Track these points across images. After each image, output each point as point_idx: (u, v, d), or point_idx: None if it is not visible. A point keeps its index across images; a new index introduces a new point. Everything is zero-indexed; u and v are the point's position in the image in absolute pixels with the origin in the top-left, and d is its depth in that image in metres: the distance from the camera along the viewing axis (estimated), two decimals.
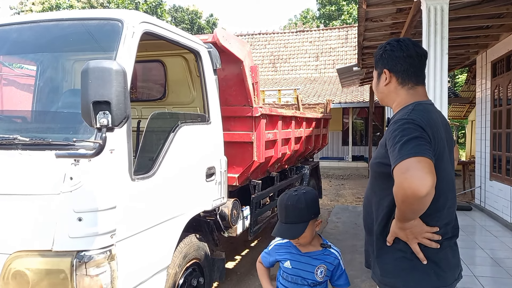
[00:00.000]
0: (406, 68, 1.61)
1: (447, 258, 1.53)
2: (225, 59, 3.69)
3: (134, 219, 2.24)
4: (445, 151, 1.52)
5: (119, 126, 1.77)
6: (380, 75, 1.69)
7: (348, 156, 16.01)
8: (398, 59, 1.61)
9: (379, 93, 1.72)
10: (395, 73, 1.63)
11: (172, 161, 2.62)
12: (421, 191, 1.29)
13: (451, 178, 1.58)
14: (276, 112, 4.57)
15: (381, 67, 1.67)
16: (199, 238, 3.12)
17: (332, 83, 17.95)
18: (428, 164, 1.33)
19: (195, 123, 3.02)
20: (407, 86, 1.63)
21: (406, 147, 1.36)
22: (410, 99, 1.61)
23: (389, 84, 1.66)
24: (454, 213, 1.60)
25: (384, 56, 1.65)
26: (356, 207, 8.73)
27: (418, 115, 1.48)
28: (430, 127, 1.45)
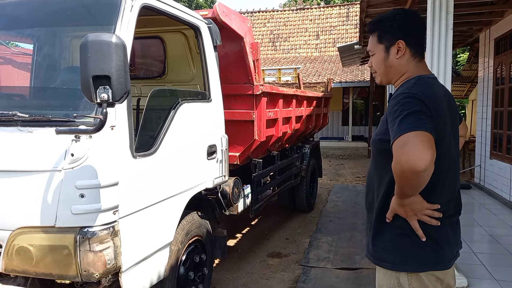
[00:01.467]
0: (419, 39, 1.59)
1: (447, 236, 1.51)
2: (225, 36, 3.62)
3: (136, 196, 2.24)
4: (447, 126, 1.49)
5: (120, 101, 1.75)
6: (389, 48, 1.57)
7: (348, 136, 15.99)
8: (412, 29, 1.56)
9: (387, 67, 1.60)
10: (409, 44, 1.55)
11: (173, 139, 2.60)
12: (419, 165, 1.27)
13: (454, 154, 1.54)
14: (277, 91, 4.52)
15: (390, 39, 1.56)
16: (201, 216, 3.14)
17: (332, 62, 17.76)
18: (427, 138, 1.30)
19: (195, 101, 2.99)
20: (416, 59, 1.58)
21: (405, 121, 1.34)
22: (416, 73, 1.56)
23: (402, 56, 1.56)
24: (457, 190, 1.57)
25: (395, 26, 1.55)
26: (356, 186, 8.78)
27: (419, 89, 1.44)
28: (432, 101, 1.42)
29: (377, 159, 1.61)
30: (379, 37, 1.60)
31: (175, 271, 2.71)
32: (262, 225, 5.81)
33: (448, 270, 1.52)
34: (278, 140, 4.96)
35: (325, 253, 4.65)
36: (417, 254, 1.48)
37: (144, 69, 3.70)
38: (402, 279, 1.48)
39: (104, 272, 1.98)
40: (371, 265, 4.31)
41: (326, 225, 5.79)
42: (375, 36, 1.61)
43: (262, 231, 5.51)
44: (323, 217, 6.21)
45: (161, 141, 2.48)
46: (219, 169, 3.29)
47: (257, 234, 5.41)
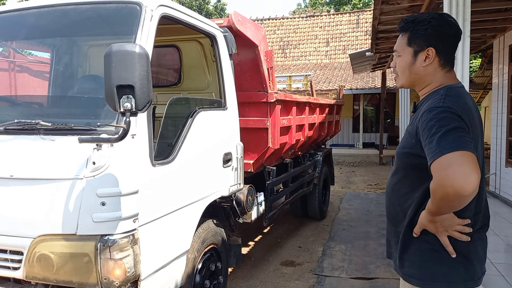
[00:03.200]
0: (451, 48, 1.50)
1: (477, 251, 1.45)
2: (240, 44, 3.64)
3: (155, 204, 2.25)
4: (479, 139, 1.43)
5: (143, 111, 1.76)
6: (418, 53, 1.49)
7: (359, 143, 15.90)
8: (447, 38, 1.47)
9: (412, 73, 1.53)
10: (439, 53, 1.47)
11: (191, 147, 2.61)
12: (466, 189, 1.19)
13: (482, 166, 1.47)
14: (291, 98, 4.52)
15: (422, 44, 1.47)
16: (216, 224, 3.13)
17: (343, 69, 17.73)
18: (472, 159, 1.21)
19: (212, 109, 3.00)
20: (446, 69, 1.50)
21: (445, 139, 1.24)
22: (445, 82, 1.48)
23: (429, 65, 1.48)
24: (484, 201, 1.51)
25: (429, 31, 1.45)
26: (368, 194, 8.71)
27: (453, 101, 1.36)
28: (467, 115, 1.35)
29: (403, 172, 1.54)
30: (409, 39, 1.51)
31: (191, 280, 2.71)
32: (274, 233, 5.78)
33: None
34: (291, 148, 4.95)
35: (339, 262, 4.60)
36: (448, 271, 1.42)
37: (160, 77, 3.73)
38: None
39: (124, 280, 1.98)
40: (386, 275, 4.27)
41: (339, 233, 5.74)
42: (405, 37, 1.51)
43: (275, 239, 5.48)
44: (336, 225, 6.16)
45: (179, 149, 2.49)
46: (235, 177, 3.29)
47: (270, 242, 5.39)
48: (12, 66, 2.92)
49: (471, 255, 1.43)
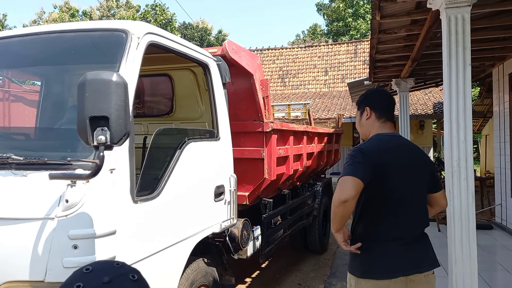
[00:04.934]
0: (381, 106, 2.12)
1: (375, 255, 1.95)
2: (234, 73, 3.54)
3: (136, 245, 2.05)
4: (394, 173, 1.93)
5: (119, 144, 1.60)
6: (362, 112, 2.17)
7: None
8: (377, 100, 2.16)
9: (361, 126, 2.19)
10: (374, 110, 2.12)
11: (179, 180, 2.44)
12: (343, 197, 1.79)
13: (401, 197, 1.96)
14: (288, 127, 4.39)
15: (363, 106, 2.17)
16: (207, 263, 2.91)
17: (341, 98, 17.76)
18: (355, 182, 1.80)
19: (203, 139, 2.85)
20: (381, 120, 2.11)
21: (348, 168, 1.87)
22: (380, 131, 2.08)
23: (369, 118, 2.13)
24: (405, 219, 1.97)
25: (367, 98, 2.21)
26: None
27: (368, 144, 1.99)
28: (376, 153, 1.92)
29: None
30: (358, 106, 2.24)
31: None
32: (272, 268, 5.50)
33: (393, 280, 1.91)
34: (289, 178, 4.77)
35: None
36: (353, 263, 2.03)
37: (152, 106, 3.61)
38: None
39: None
40: None
41: (341, 269, 5.45)
42: (357, 107, 2.24)
43: (273, 275, 5.20)
44: (337, 259, 5.88)
45: (165, 183, 2.32)
46: (227, 211, 3.10)
47: (267, 278, 5.10)
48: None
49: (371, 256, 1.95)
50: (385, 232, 1.95)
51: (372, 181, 1.85)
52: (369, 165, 1.85)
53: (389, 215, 1.94)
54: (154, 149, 2.33)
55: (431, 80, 9.40)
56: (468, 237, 3.25)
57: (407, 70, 7.15)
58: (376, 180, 1.87)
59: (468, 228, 3.25)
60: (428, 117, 15.04)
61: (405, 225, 1.96)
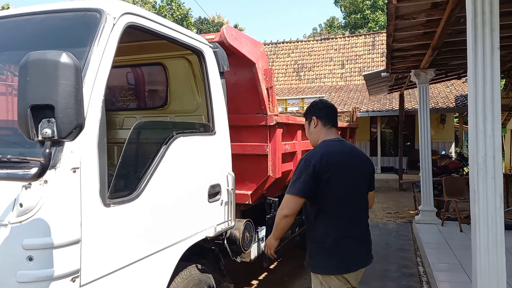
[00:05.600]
0: (325, 115, 2.43)
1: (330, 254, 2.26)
2: (235, 62, 3.25)
3: (108, 255, 1.79)
4: (338, 175, 2.22)
5: (68, 138, 1.33)
6: (310, 122, 2.47)
7: (377, 167, 15.19)
8: (321, 109, 2.46)
9: (310, 134, 2.51)
10: (319, 118, 2.42)
11: (164, 180, 2.17)
12: (284, 213, 2.23)
13: (346, 196, 2.25)
14: (295, 121, 4.07)
15: (310, 116, 2.47)
16: (201, 269, 2.65)
17: (358, 91, 17.25)
18: (296, 200, 2.19)
19: (195, 134, 2.57)
20: (326, 127, 2.42)
21: (292, 184, 2.21)
22: (327, 137, 2.39)
23: (316, 126, 2.44)
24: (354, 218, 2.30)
25: (312, 108, 2.51)
26: (387, 224, 8.04)
27: (315, 151, 2.29)
28: (321, 160, 2.19)
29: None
30: (305, 117, 2.53)
31: None
32: (281, 269, 5.21)
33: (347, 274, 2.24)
34: None
35: None
36: (315, 261, 2.32)
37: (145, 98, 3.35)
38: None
39: None
40: None
41: None
42: (305, 119, 2.54)
43: (281, 278, 4.91)
44: None
45: (147, 183, 2.05)
46: (224, 213, 2.82)
47: (275, 281, 4.82)
48: None
49: (329, 255, 2.25)
50: (338, 231, 2.22)
51: (319, 186, 2.18)
52: (313, 177, 2.16)
53: (338, 215, 2.23)
54: (134, 145, 2.07)
55: (453, 72, 8.88)
56: (496, 242, 2.89)
57: (427, 60, 6.70)
58: (322, 184, 2.18)
59: (496, 232, 2.88)
60: (449, 111, 14.41)
61: (353, 223, 2.28)
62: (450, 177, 7.84)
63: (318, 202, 2.23)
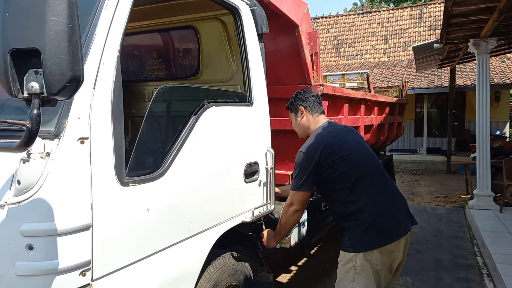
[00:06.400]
0: (311, 103, 2.44)
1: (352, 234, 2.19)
2: (275, 24, 2.84)
3: (126, 243, 1.51)
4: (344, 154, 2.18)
5: (61, 95, 1.02)
6: (296, 113, 2.47)
7: (423, 148, 14.32)
8: (307, 99, 2.45)
9: (299, 126, 2.50)
10: (306, 108, 2.43)
11: (193, 156, 1.85)
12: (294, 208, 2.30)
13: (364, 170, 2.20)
14: (342, 93, 3.63)
15: (296, 106, 2.46)
16: (237, 257, 2.34)
17: (403, 67, 16.22)
18: (303, 196, 2.27)
19: (229, 104, 2.22)
20: (314, 116, 2.44)
21: (295, 180, 2.27)
22: (317, 125, 2.39)
23: (304, 117, 2.44)
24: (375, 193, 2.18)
25: (297, 99, 2.48)
26: (436, 209, 7.45)
27: (310, 143, 2.27)
28: (321, 150, 2.18)
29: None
30: (291, 109, 2.52)
31: None
32: (322, 255, 4.86)
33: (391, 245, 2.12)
34: None
35: None
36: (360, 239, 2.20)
37: (175, 67, 3.03)
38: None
39: None
40: None
41: None
42: (290, 111, 2.54)
43: (323, 265, 4.57)
44: None
45: (173, 159, 1.74)
46: (263, 194, 2.48)
47: (316, 268, 4.49)
48: None
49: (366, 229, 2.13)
50: (370, 203, 2.13)
51: (328, 173, 2.15)
52: (316, 170, 2.16)
53: (364, 189, 2.15)
54: (157, 114, 1.75)
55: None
56: None
57: (490, 26, 5.92)
58: (331, 170, 2.15)
59: None
60: (506, 87, 13.18)
61: (383, 191, 2.20)
62: (511, 159, 7.07)
63: (337, 184, 2.18)
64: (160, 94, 1.73)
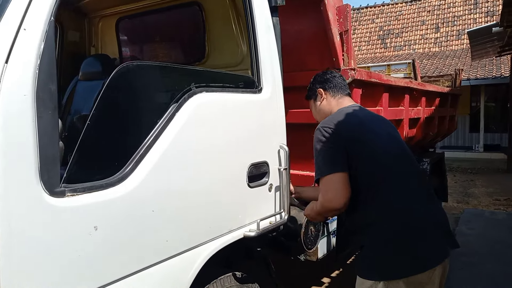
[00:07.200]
0: (334, 84, 2.03)
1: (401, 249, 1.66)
2: None
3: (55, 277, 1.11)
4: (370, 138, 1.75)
5: None
6: (316, 98, 2.08)
7: (479, 145, 13.08)
8: (327, 80, 2.05)
9: (318, 112, 2.08)
10: (326, 89, 2.03)
11: (171, 155, 1.44)
12: (337, 205, 1.68)
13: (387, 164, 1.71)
14: (380, 80, 3.06)
15: (314, 90, 2.08)
16: (241, 278, 1.91)
17: (456, 57, 14.95)
18: (341, 179, 1.65)
19: (228, 90, 1.78)
20: (337, 97, 2.01)
21: (322, 162, 1.71)
22: (341, 106, 1.95)
23: (324, 100, 2.03)
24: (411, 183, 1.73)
25: (315, 81, 2.11)
26: (495, 213, 6.56)
27: (331, 118, 1.82)
28: (344, 125, 1.75)
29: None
30: (308, 96, 2.16)
31: None
32: None
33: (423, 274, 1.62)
34: None
35: None
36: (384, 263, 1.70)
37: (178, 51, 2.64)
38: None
39: None
40: None
41: (455, 275, 4.01)
42: (309, 100, 2.16)
43: None
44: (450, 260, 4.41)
45: (140, 158, 1.33)
46: (274, 201, 2.03)
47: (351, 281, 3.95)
48: None
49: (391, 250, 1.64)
50: (397, 212, 1.64)
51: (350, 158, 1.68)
52: (342, 145, 1.70)
53: (389, 191, 1.68)
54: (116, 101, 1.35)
55: None
56: None
57: None
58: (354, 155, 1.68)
59: None
60: None
61: (414, 197, 1.71)
62: None
63: (355, 180, 1.68)
64: (120, 75, 1.32)
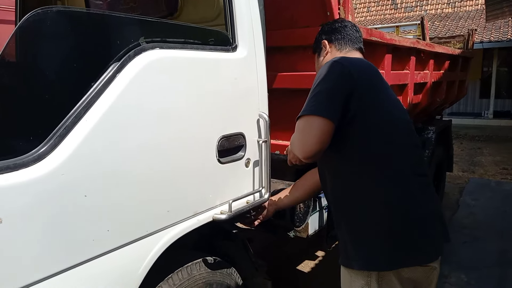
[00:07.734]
0: (343, 35, 1.68)
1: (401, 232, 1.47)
2: None
3: None
4: (377, 95, 1.44)
5: None
6: (320, 51, 1.74)
7: (489, 111, 12.63)
8: (334, 30, 1.71)
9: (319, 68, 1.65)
10: (332, 41, 1.70)
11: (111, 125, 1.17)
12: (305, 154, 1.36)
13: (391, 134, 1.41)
14: (381, 38, 2.72)
15: (319, 42, 1.74)
16: (213, 264, 1.70)
17: (470, 19, 14.19)
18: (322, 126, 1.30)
19: (190, 47, 1.48)
20: (344, 51, 1.67)
21: (311, 100, 1.37)
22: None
23: (328, 54, 1.69)
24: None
25: (321, 31, 1.77)
26: (502, 184, 6.30)
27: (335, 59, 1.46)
28: (357, 67, 1.43)
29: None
30: (314, 50, 1.80)
31: None
32: None
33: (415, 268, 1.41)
34: None
35: None
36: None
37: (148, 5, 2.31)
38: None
39: None
40: None
41: (458, 250, 3.82)
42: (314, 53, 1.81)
43: None
44: (453, 234, 4.20)
45: (67, 130, 1.07)
46: (252, 178, 1.77)
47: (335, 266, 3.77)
48: None
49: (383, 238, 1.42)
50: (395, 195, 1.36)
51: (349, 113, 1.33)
52: (348, 94, 1.33)
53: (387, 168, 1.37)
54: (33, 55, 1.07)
55: None
56: None
57: None
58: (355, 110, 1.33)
59: None
60: None
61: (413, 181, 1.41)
62: None
63: (352, 145, 1.38)
64: (32, 23, 1.01)
